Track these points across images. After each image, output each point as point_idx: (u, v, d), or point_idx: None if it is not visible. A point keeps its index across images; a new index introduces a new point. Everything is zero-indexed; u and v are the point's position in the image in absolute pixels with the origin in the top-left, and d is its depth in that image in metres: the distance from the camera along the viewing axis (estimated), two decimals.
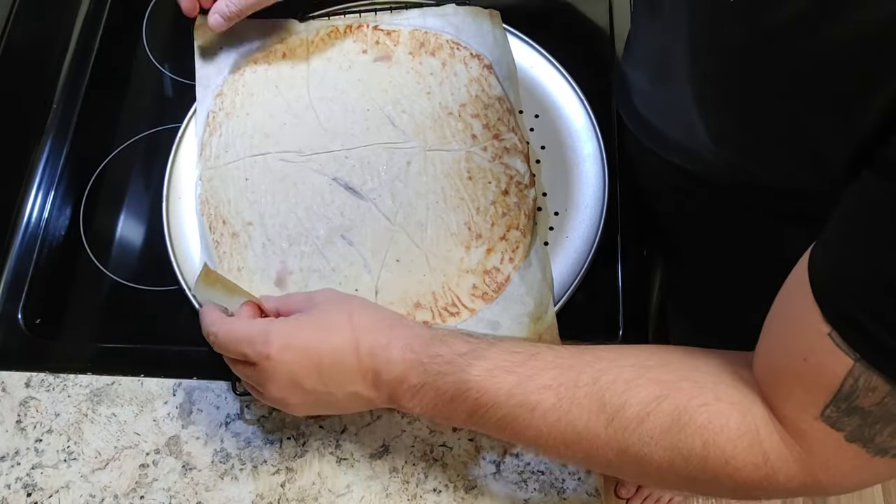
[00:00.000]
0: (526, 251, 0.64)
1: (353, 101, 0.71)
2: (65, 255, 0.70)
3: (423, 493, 0.59)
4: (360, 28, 0.74)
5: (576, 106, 0.71)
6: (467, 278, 0.63)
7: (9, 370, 0.64)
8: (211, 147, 0.70)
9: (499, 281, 0.63)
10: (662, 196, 0.67)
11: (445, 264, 0.64)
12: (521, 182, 0.66)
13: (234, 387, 0.61)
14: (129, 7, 0.82)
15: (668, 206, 0.67)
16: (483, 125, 0.69)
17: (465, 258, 0.64)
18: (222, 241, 0.65)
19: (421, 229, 0.65)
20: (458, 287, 0.63)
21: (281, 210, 0.67)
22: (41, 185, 0.73)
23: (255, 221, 0.66)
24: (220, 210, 0.67)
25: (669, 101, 0.55)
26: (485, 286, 0.63)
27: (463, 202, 0.66)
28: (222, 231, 0.66)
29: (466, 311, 0.62)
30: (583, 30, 0.78)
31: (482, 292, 0.63)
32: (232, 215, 0.66)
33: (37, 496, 0.60)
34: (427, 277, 0.63)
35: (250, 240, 0.65)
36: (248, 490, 0.59)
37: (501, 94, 0.70)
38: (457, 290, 0.63)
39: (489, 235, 0.64)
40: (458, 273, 0.63)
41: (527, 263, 0.63)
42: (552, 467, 0.59)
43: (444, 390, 0.48)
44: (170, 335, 0.66)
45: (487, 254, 0.64)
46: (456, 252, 0.64)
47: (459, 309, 0.62)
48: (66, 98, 0.77)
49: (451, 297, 0.63)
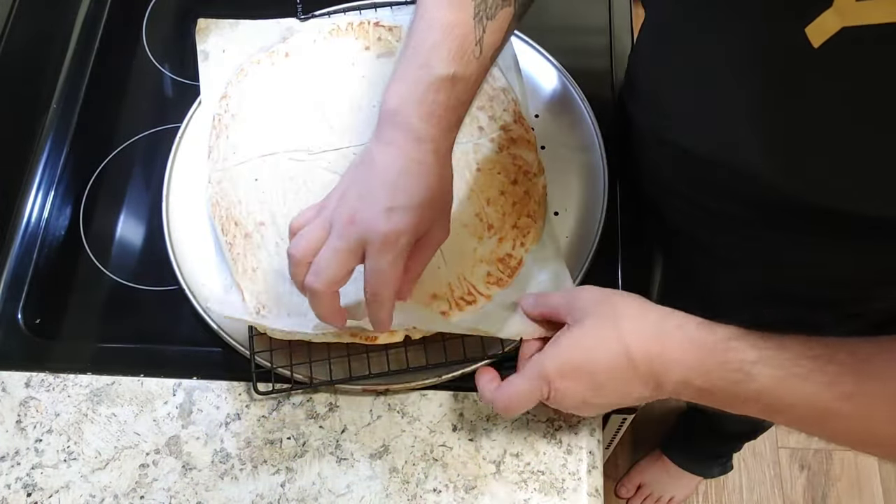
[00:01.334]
0: (538, 234, 0.65)
1: (358, 98, 0.71)
2: (65, 255, 0.70)
3: (423, 493, 0.59)
4: (362, 25, 0.74)
5: (576, 106, 0.71)
6: (481, 267, 0.64)
7: (9, 370, 0.64)
8: (219, 149, 0.69)
9: (512, 266, 0.63)
10: (667, 198, 0.67)
11: (459, 256, 0.64)
12: (529, 171, 0.66)
13: (255, 388, 0.61)
14: (129, 7, 0.82)
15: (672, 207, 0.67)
16: (489, 117, 0.69)
17: (479, 248, 0.64)
18: (235, 243, 0.65)
19: None
20: (473, 276, 0.63)
21: (292, 209, 0.66)
22: (41, 185, 0.73)
23: (267, 221, 0.66)
24: (231, 212, 0.67)
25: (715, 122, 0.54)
26: (499, 273, 0.63)
27: (473, 194, 0.66)
28: (235, 232, 0.66)
29: (483, 297, 0.62)
30: (583, 30, 0.78)
31: (496, 278, 0.63)
32: (243, 216, 0.66)
33: (37, 496, 0.60)
34: (442, 270, 0.64)
35: (263, 240, 0.65)
36: (248, 490, 0.59)
37: (506, 85, 0.70)
38: (471, 279, 0.63)
39: (501, 225, 0.65)
40: (473, 263, 0.64)
41: (540, 244, 0.64)
42: (552, 467, 0.59)
43: (733, 394, 0.48)
44: (170, 335, 0.66)
45: (500, 242, 0.64)
46: (469, 243, 0.64)
47: (475, 297, 0.63)
48: (66, 98, 0.77)
49: (466, 287, 0.63)
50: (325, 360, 0.61)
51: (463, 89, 0.53)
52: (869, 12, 0.36)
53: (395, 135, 0.51)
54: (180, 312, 0.66)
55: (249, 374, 0.61)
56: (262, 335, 0.61)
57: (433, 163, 0.51)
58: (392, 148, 0.51)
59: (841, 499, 1.35)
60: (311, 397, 0.62)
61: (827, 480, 1.37)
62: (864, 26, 0.37)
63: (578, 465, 0.59)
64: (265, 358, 0.61)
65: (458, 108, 0.53)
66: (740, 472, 1.38)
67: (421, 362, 0.61)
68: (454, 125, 0.53)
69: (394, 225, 0.49)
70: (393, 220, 0.49)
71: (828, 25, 0.38)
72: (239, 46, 0.75)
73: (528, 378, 0.53)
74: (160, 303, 0.67)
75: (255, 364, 0.61)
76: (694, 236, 0.67)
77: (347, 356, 0.62)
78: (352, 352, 0.62)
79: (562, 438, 0.60)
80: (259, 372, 0.61)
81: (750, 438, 1.23)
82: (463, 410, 0.62)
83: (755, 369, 0.47)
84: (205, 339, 0.64)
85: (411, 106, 0.51)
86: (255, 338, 0.62)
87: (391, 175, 0.50)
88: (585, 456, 0.60)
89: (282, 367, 0.61)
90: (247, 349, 0.62)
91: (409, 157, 0.51)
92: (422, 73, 0.51)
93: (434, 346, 0.62)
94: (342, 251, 0.49)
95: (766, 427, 1.12)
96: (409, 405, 0.62)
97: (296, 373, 0.61)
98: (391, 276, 0.50)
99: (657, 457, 1.33)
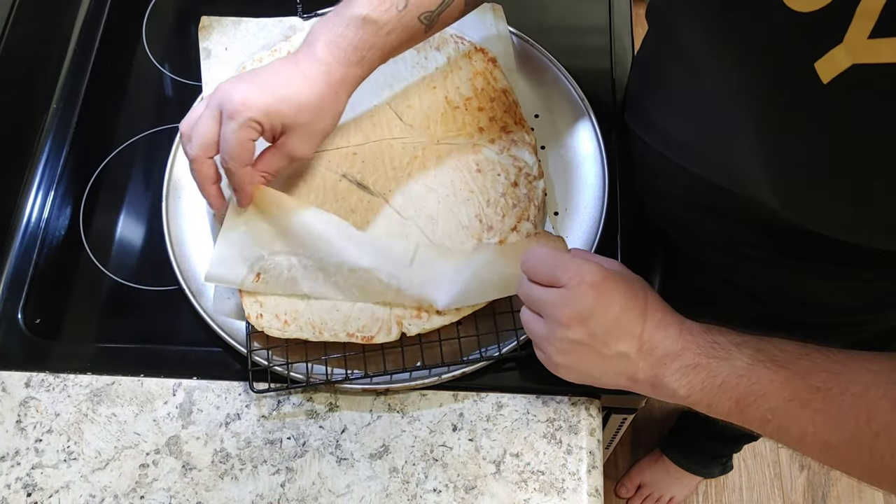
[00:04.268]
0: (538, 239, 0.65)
1: (359, 98, 0.71)
2: (65, 255, 0.70)
3: (423, 493, 0.59)
4: None
5: (576, 106, 0.71)
6: None
7: (9, 370, 0.64)
8: None
9: None
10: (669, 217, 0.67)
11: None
12: (529, 173, 0.66)
13: (251, 386, 0.61)
14: (129, 7, 0.82)
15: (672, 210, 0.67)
16: (489, 118, 0.69)
17: None
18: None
19: (432, 223, 0.65)
20: None
21: None
22: (41, 185, 0.73)
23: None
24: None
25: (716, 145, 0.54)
26: None
27: (473, 195, 0.66)
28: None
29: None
30: (583, 30, 0.78)
31: None
32: None
33: (37, 496, 0.60)
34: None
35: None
36: (248, 490, 0.59)
37: (507, 86, 0.70)
38: None
39: (500, 227, 0.65)
40: None
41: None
42: (552, 467, 0.59)
43: (715, 373, 0.49)
44: (170, 335, 0.66)
45: (500, 244, 0.64)
46: (468, 244, 0.64)
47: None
48: (66, 98, 0.77)
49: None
50: (322, 359, 0.61)
51: (371, 32, 0.57)
52: (879, 51, 0.36)
53: (301, 52, 0.58)
54: (180, 312, 0.66)
55: (247, 373, 0.61)
56: (258, 334, 0.61)
57: (318, 81, 0.57)
58: (292, 59, 0.58)
59: (841, 499, 1.35)
60: (310, 397, 0.62)
61: (827, 480, 1.37)
62: (874, 64, 0.37)
63: (578, 465, 0.59)
64: (262, 357, 0.61)
65: (362, 49, 0.58)
66: (740, 472, 1.38)
67: (419, 363, 0.61)
68: (354, 62, 0.58)
69: (243, 96, 0.55)
70: (244, 93, 0.55)
71: (838, 62, 0.38)
72: (241, 44, 0.75)
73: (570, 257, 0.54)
74: (160, 303, 0.67)
75: (252, 362, 0.61)
76: (693, 256, 0.67)
77: (344, 356, 0.62)
78: (349, 351, 0.62)
79: (562, 438, 0.60)
80: (256, 371, 0.61)
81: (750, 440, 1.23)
82: (463, 410, 0.62)
83: (739, 350, 0.49)
84: (205, 339, 0.64)
85: (322, 33, 0.58)
86: (252, 336, 0.62)
87: (273, 71, 0.57)
88: (585, 456, 0.60)
89: (279, 366, 0.61)
90: (245, 349, 0.62)
91: (299, 68, 0.57)
92: (342, 9, 0.58)
93: (431, 346, 0.62)
94: (206, 117, 0.57)
95: None
96: (409, 405, 0.62)
97: (292, 372, 0.61)
98: (234, 143, 0.55)
99: (657, 457, 1.33)
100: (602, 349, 0.52)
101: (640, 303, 0.53)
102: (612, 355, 0.52)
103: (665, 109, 0.60)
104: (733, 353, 0.49)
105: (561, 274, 0.52)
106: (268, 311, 0.61)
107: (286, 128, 0.57)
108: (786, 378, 0.47)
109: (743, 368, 0.48)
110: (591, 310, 0.51)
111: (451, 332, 0.62)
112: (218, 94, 0.57)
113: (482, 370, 0.62)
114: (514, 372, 0.62)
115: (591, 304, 0.51)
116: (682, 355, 0.50)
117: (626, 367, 0.52)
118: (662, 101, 0.61)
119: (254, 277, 0.62)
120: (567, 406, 0.61)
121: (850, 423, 0.45)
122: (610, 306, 0.51)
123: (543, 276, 0.54)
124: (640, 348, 0.52)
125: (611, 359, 0.52)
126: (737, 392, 0.48)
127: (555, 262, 0.53)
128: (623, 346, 0.52)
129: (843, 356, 0.47)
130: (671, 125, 0.59)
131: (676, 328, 0.52)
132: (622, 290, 0.52)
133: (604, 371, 0.53)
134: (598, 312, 0.51)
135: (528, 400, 0.62)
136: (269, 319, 0.61)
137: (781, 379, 0.47)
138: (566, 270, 0.52)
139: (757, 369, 0.48)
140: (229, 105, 0.55)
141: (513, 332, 0.62)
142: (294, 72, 0.57)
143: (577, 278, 0.52)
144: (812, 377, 0.46)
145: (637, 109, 0.68)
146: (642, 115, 0.66)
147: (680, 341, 0.51)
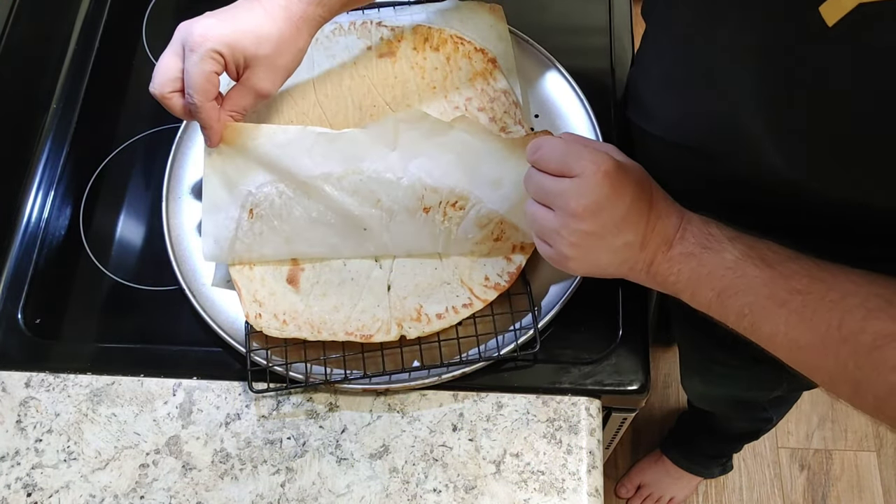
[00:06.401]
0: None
1: (359, 98, 0.71)
2: (65, 255, 0.70)
3: (423, 493, 0.59)
4: (364, 24, 0.74)
5: (576, 106, 0.71)
6: (479, 269, 0.64)
7: (9, 370, 0.64)
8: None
9: (510, 272, 0.63)
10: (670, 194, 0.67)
11: (457, 256, 0.64)
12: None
13: (250, 386, 0.61)
14: (129, 7, 0.82)
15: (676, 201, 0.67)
16: (489, 118, 0.69)
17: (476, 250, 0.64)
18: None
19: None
20: (471, 279, 0.63)
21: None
22: (41, 185, 0.73)
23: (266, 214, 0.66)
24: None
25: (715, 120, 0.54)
26: (497, 277, 0.63)
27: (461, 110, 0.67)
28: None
29: (479, 301, 0.62)
30: (583, 30, 0.78)
31: (494, 283, 0.63)
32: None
33: (37, 496, 0.60)
34: (438, 270, 0.64)
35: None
36: (248, 490, 0.59)
37: (506, 87, 0.70)
38: (469, 283, 0.63)
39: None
40: (471, 263, 0.64)
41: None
42: (552, 467, 0.59)
43: (704, 263, 0.50)
44: (170, 335, 0.66)
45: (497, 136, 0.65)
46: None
47: (472, 300, 0.63)
48: (66, 98, 0.77)
49: (465, 289, 0.63)
50: (321, 359, 0.61)
51: None
52: None
53: None
54: (180, 312, 0.66)
55: (247, 373, 0.61)
56: (258, 334, 0.61)
57: (278, 16, 0.59)
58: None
59: (841, 499, 1.35)
60: (310, 397, 0.62)
61: (827, 480, 1.37)
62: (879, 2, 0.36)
63: (578, 465, 0.59)
64: (261, 357, 0.62)
65: None
66: (740, 472, 1.38)
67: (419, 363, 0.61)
68: (314, 3, 0.60)
69: (204, 29, 0.57)
70: (205, 26, 0.57)
71: (843, 2, 0.38)
72: None
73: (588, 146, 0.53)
74: (160, 303, 0.67)
75: (251, 362, 0.61)
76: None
77: (343, 356, 0.62)
78: (348, 352, 0.62)
79: (562, 438, 0.60)
80: (255, 370, 0.61)
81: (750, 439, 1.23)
82: (463, 410, 0.62)
83: (731, 244, 0.50)
84: (204, 339, 0.64)
85: None
86: (251, 336, 0.62)
87: (235, 7, 0.59)
88: (585, 456, 0.60)
89: (278, 366, 0.61)
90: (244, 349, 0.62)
91: (260, 3, 0.59)
92: None
93: (430, 348, 0.62)
94: (168, 53, 0.58)
95: (767, 428, 1.12)
96: (409, 405, 0.62)
97: (292, 371, 0.61)
98: (197, 76, 0.57)
99: (657, 457, 1.33)
100: (612, 240, 0.52)
101: (648, 192, 0.53)
102: (620, 245, 0.52)
103: (664, 92, 0.60)
104: (726, 246, 0.50)
105: (574, 163, 0.51)
106: (266, 311, 0.61)
107: (248, 61, 0.59)
108: (769, 277, 0.48)
109: (731, 262, 0.49)
110: (606, 199, 0.51)
111: (450, 333, 0.62)
112: (180, 31, 0.58)
113: (482, 370, 0.62)
114: (514, 372, 0.62)
115: (607, 193, 0.50)
116: (676, 243, 0.51)
117: (630, 255, 0.53)
118: (661, 85, 0.61)
119: (248, 215, 0.63)
120: (567, 406, 0.61)
121: (821, 327, 0.45)
122: (623, 196, 0.51)
123: (555, 165, 0.52)
124: (645, 239, 0.52)
125: (618, 249, 0.52)
126: (721, 283, 0.49)
127: (567, 150, 0.52)
128: (630, 235, 0.52)
129: (833, 266, 0.47)
130: (670, 106, 0.59)
131: (677, 217, 0.52)
132: (633, 179, 0.52)
133: (609, 261, 0.53)
134: (612, 203, 0.51)
135: (528, 400, 0.62)
136: (268, 319, 0.61)
137: (765, 277, 0.48)
138: (580, 159, 0.51)
139: (744, 264, 0.49)
140: (190, 38, 0.57)
141: (512, 333, 0.62)
142: (255, 7, 0.59)
143: (593, 166, 0.50)
144: (795, 280, 0.47)
145: (637, 102, 0.68)
146: (643, 107, 0.66)
147: (679, 230, 0.52)
